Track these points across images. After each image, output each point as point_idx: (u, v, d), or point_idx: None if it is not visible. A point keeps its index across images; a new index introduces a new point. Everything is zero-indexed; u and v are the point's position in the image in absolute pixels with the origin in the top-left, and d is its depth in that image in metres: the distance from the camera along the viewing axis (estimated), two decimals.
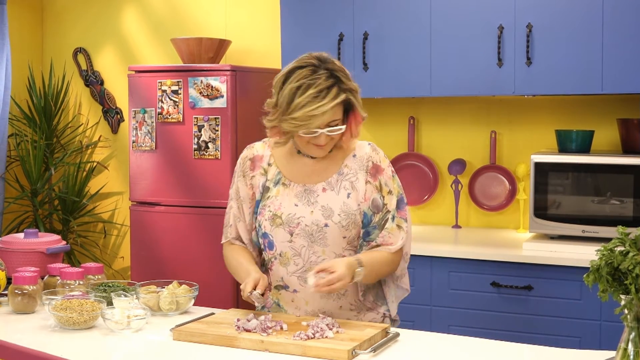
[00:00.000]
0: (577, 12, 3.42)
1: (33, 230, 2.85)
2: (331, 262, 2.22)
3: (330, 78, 2.24)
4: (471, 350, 2.12)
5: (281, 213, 2.34)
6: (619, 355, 1.67)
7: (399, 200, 2.38)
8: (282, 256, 2.35)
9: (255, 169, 2.45)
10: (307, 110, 2.20)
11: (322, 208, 2.32)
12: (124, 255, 5.00)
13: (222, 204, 4.06)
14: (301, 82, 2.23)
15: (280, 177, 2.40)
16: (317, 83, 2.22)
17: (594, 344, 3.12)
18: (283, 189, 2.37)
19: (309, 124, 2.22)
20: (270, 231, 2.36)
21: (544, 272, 3.29)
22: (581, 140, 3.54)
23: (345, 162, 2.37)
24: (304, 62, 2.28)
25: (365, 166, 2.36)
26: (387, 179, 2.37)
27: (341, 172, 2.36)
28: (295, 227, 2.32)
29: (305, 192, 2.35)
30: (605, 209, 3.39)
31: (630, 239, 1.66)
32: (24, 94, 5.07)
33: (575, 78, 3.44)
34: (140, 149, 4.22)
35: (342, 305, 2.34)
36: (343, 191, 2.33)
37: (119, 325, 2.22)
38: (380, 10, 3.78)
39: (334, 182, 2.35)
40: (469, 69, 3.64)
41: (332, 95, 2.22)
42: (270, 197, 2.38)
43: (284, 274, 2.35)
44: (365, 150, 2.39)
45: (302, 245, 2.32)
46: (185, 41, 4.22)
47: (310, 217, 2.32)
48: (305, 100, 2.21)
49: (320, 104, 2.20)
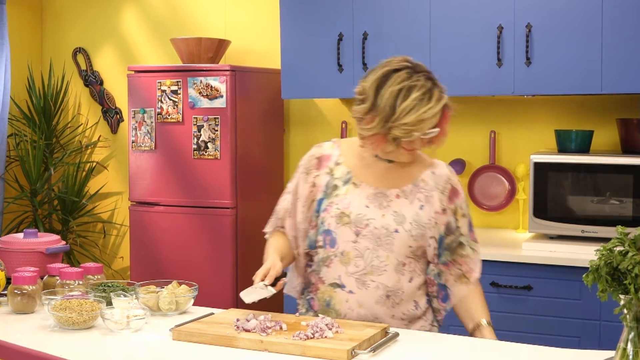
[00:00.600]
0: (577, 12, 3.42)
1: (32, 230, 2.84)
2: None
3: (428, 80, 2.22)
4: (471, 350, 2.12)
5: (350, 212, 2.31)
6: (618, 355, 1.67)
7: (469, 223, 2.41)
8: (343, 255, 2.31)
9: (321, 168, 2.41)
10: (418, 114, 2.16)
11: (394, 213, 2.29)
12: (124, 255, 5.00)
13: (222, 204, 4.08)
14: (402, 85, 2.19)
15: (351, 176, 2.36)
16: (418, 85, 2.19)
17: (593, 344, 3.12)
18: (353, 188, 2.34)
19: (420, 128, 2.19)
20: (335, 229, 2.32)
21: (543, 272, 3.29)
22: (581, 140, 3.54)
23: (422, 176, 2.35)
24: (396, 65, 2.24)
25: (443, 187, 2.35)
26: (461, 202, 2.38)
27: (417, 184, 2.34)
28: (363, 228, 2.29)
29: (377, 195, 2.32)
30: (604, 209, 3.39)
31: (629, 239, 1.66)
32: (23, 94, 5.06)
33: (574, 78, 3.44)
34: (140, 149, 4.22)
35: (394, 314, 2.31)
36: (417, 202, 2.32)
37: (118, 325, 2.22)
38: (379, 10, 3.78)
39: (409, 191, 2.33)
40: (469, 69, 3.64)
41: (437, 97, 2.20)
42: (338, 195, 2.34)
43: (342, 273, 2.31)
44: (444, 171, 2.39)
45: (366, 247, 2.29)
46: (185, 41, 4.22)
47: (380, 220, 2.29)
48: (412, 103, 2.17)
49: (429, 107, 2.18)
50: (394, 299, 2.29)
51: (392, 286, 2.28)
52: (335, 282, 2.33)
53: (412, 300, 2.33)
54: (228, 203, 4.05)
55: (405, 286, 2.30)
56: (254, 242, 4.22)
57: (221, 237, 4.06)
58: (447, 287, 2.38)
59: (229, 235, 4.05)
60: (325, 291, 2.35)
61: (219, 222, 4.07)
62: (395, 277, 2.29)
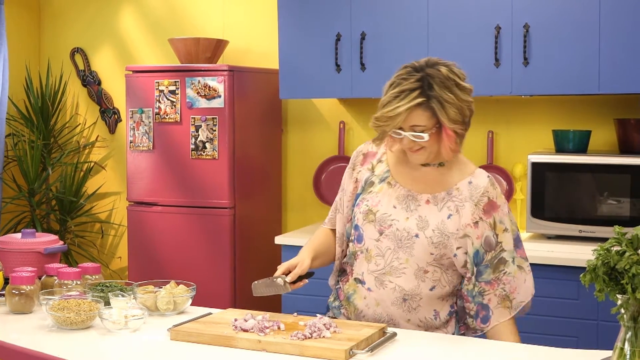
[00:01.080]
0: (574, 12, 3.42)
1: (30, 230, 2.84)
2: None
3: (419, 81, 2.17)
4: (468, 350, 2.12)
5: (376, 210, 2.30)
6: (615, 354, 1.67)
7: (516, 239, 2.29)
8: (367, 252, 2.31)
9: (365, 164, 2.41)
10: (385, 111, 2.17)
11: (418, 218, 2.26)
12: (122, 255, 5.00)
13: (220, 204, 4.08)
14: (393, 80, 2.21)
15: (388, 175, 2.35)
16: (403, 83, 2.18)
17: (590, 344, 3.13)
18: (387, 187, 2.33)
19: (384, 126, 2.18)
20: (362, 225, 2.32)
21: (540, 271, 3.29)
22: (578, 140, 3.55)
23: (458, 185, 2.28)
24: (410, 63, 2.24)
25: (478, 199, 2.26)
26: (502, 216, 2.26)
27: (450, 192, 2.28)
28: (386, 227, 2.28)
29: (407, 197, 2.30)
30: (602, 209, 3.39)
31: (626, 239, 1.66)
32: (21, 94, 5.06)
33: (572, 78, 3.44)
34: (138, 149, 4.22)
35: (410, 319, 2.29)
36: (446, 210, 2.26)
37: (116, 325, 2.22)
38: (377, 10, 3.79)
39: (440, 198, 2.28)
40: (466, 68, 3.58)
41: (411, 98, 2.15)
42: (372, 192, 2.34)
43: (364, 270, 2.31)
44: (482, 182, 2.28)
45: (387, 247, 2.28)
46: (183, 41, 4.22)
47: (404, 222, 2.27)
48: (387, 99, 2.18)
49: (396, 105, 2.15)
50: (410, 303, 2.27)
51: (410, 290, 2.26)
52: (358, 277, 2.34)
53: (432, 309, 2.30)
54: (226, 203, 4.05)
55: (424, 293, 2.26)
56: (252, 242, 4.22)
57: (219, 237, 4.06)
58: (490, 309, 2.26)
59: (227, 235, 4.05)
60: (350, 284, 2.35)
61: (217, 222, 4.07)
62: (414, 282, 2.26)
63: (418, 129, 2.19)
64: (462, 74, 2.26)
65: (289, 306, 3.74)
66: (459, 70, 2.27)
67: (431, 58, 2.26)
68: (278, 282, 2.24)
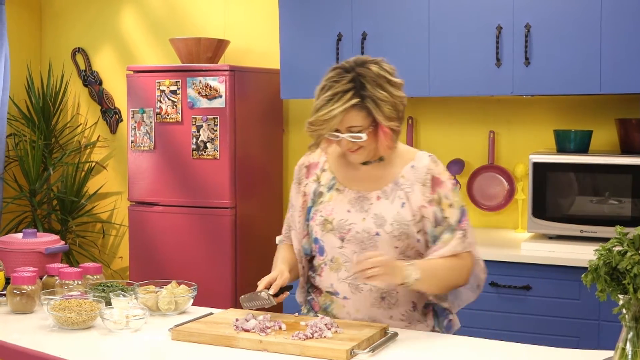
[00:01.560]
0: (576, 12, 3.42)
1: (31, 230, 2.85)
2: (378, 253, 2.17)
3: (351, 82, 2.18)
4: (469, 350, 2.12)
5: (332, 218, 2.31)
6: (617, 354, 1.67)
7: (461, 212, 2.30)
8: (333, 262, 2.31)
9: (310, 176, 2.41)
10: (320, 114, 2.17)
11: (374, 216, 2.27)
12: (123, 255, 5.00)
13: (221, 204, 4.08)
14: (324, 84, 2.22)
15: (335, 182, 2.36)
16: (335, 85, 2.18)
17: (592, 344, 3.12)
18: (337, 194, 2.33)
19: (320, 130, 2.18)
20: (321, 236, 2.32)
21: (542, 272, 3.29)
22: (580, 140, 3.54)
23: (402, 172, 2.29)
24: (340, 64, 2.25)
25: (424, 179, 2.27)
26: (447, 191, 2.28)
27: (397, 182, 2.29)
28: (346, 233, 2.29)
29: (358, 199, 2.30)
30: (603, 209, 3.39)
31: (628, 239, 1.66)
32: (22, 94, 5.06)
33: (573, 78, 3.44)
34: (139, 149, 4.22)
35: (392, 315, 2.29)
36: (397, 200, 2.27)
37: (117, 325, 2.22)
38: (378, 10, 3.78)
39: (389, 191, 2.29)
40: (468, 69, 3.64)
41: (345, 100, 2.16)
42: (322, 202, 2.35)
43: (334, 281, 2.31)
44: (424, 162, 2.30)
45: (352, 251, 2.28)
46: (184, 41, 4.22)
47: (361, 224, 2.27)
48: (321, 103, 2.18)
49: (330, 108, 2.16)
50: (389, 300, 2.28)
51: (386, 287, 2.26)
52: (329, 290, 2.34)
53: (410, 302, 2.31)
54: (227, 203, 4.05)
55: (399, 287, 2.25)
56: (253, 242, 4.22)
57: (220, 237, 4.06)
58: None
59: (228, 235, 4.05)
60: (325, 297, 2.35)
61: (218, 222, 4.07)
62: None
63: (355, 130, 2.20)
64: (392, 70, 2.26)
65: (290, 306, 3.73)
66: (389, 65, 2.27)
67: (360, 57, 2.27)
68: (262, 295, 2.25)
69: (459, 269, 2.28)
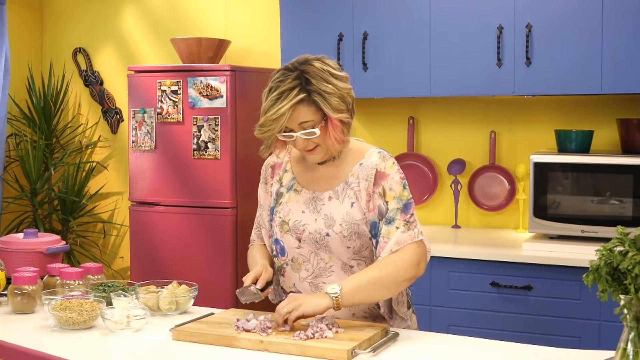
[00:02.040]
0: (577, 12, 3.42)
1: (32, 230, 2.85)
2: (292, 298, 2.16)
3: (296, 79, 2.19)
4: (470, 350, 2.12)
5: (289, 219, 2.33)
6: (618, 355, 1.67)
7: (405, 205, 2.24)
8: (293, 262, 2.33)
9: (274, 176, 2.44)
10: (268, 115, 2.18)
11: (324, 217, 2.28)
12: (124, 255, 5.00)
13: (222, 204, 4.08)
14: (270, 86, 2.23)
15: (294, 183, 2.38)
16: (280, 85, 2.19)
17: (593, 344, 3.12)
18: (294, 195, 2.35)
19: (271, 130, 2.19)
20: (281, 237, 2.35)
21: (543, 272, 3.29)
22: (581, 140, 3.54)
23: (352, 171, 2.29)
24: (283, 65, 2.27)
25: (369, 174, 2.26)
26: (392, 183, 2.25)
27: (347, 181, 2.29)
28: (301, 233, 2.30)
29: (313, 200, 2.32)
30: (604, 209, 3.39)
31: (629, 239, 1.66)
32: (23, 94, 5.07)
33: (574, 78, 3.44)
34: (140, 149, 4.22)
35: (354, 313, 2.30)
36: (347, 200, 2.28)
37: (118, 325, 2.22)
38: (379, 10, 3.78)
39: (340, 190, 2.29)
40: (469, 69, 3.64)
41: (292, 96, 2.17)
42: (282, 203, 2.37)
43: (296, 280, 2.34)
44: (372, 159, 2.28)
45: (310, 251, 2.30)
46: (185, 41, 4.22)
47: (314, 225, 2.29)
48: (269, 104, 2.20)
49: (278, 107, 2.17)
50: None
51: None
52: (292, 290, 2.35)
53: None
54: (228, 203, 4.05)
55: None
56: None
57: (221, 237, 4.06)
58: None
59: (229, 235, 4.05)
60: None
61: (219, 222, 4.07)
62: (344, 277, 2.27)
63: (307, 125, 2.20)
64: (335, 65, 2.28)
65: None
66: (332, 61, 2.29)
67: (302, 56, 2.28)
68: (252, 290, 2.26)
69: (390, 263, 2.19)
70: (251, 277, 2.29)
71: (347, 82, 2.28)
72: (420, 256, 2.23)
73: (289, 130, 2.22)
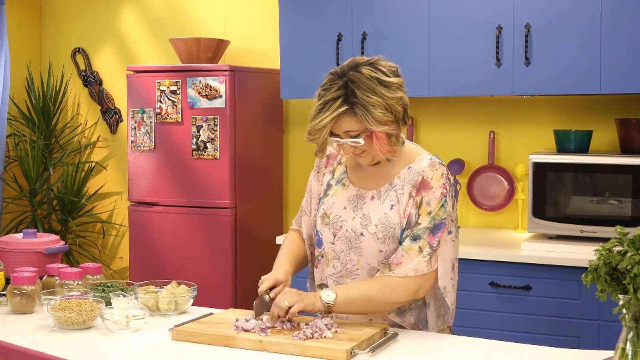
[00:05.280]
0: (576, 12, 3.42)
1: (32, 230, 2.85)
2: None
3: (341, 89, 2.15)
4: (469, 350, 2.12)
5: (330, 213, 2.32)
6: (617, 355, 1.67)
7: (437, 225, 2.18)
8: (326, 256, 2.33)
9: (328, 166, 2.42)
10: (313, 124, 2.17)
11: (362, 216, 2.26)
12: (123, 256, 5.00)
13: (221, 204, 4.08)
14: (318, 92, 2.21)
15: (344, 177, 2.36)
16: (326, 94, 2.17)
17: (592, 344, 3.13)
18: (341, 189, 2.34)
19: (316, 138, 2.17)
20: (320, 229, 2.34)
21: (542, 272, 3.29)
22: (580, 140, 3.54)
23: (399, 173, 2.26)
24: (335, 68, 2.23)
25: (415, 180, 2.21)
26: (431, 198, 2.19)
27: (392, 183, 2.26)
28: (338, 229, 2.29)
29: (357, 197, 2.30)
30: (603, 209, 3.39)
31: (628, 239, 1.66)
32: (22, 94, 5.06)
33: (573, 78, 3.44)
34: (139, 149, 4.22)
35: (372, 319, 2.28)
36: (387, 202, 2.24)
37: (117, 326, 2.22)
38: (378, 10, 3.78)
39: (384, 191, 2.26)
40: (468, 69, 3.64)
41: (334, 108, 2.14)
42: (328, 195, 2.36)
43: (326, 275, 2.33)
44: (421, 164, 2.23)
45: (341, 249, 2.29)
46: (184, 41, 4.22)
47: (351, 222, 2.27)
48: (314, 113, 2.18)
49: (321, 117, 2.14)
50: None
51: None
52: (322, 282, 2.35)
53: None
54: (227, 203, 4.05)
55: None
56: (253, 242, 4.22)
57: (220, 237, 4.06)
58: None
59: (228, 235, 4.05)
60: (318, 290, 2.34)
61: (218, 222, 4.07)
62: None
63: (352, 134, 2.17)
64: (389, 69, 2.20)
65: None
66: (387, 64, 2.22)
67: (355, 58, 2.24)
68: (265, 298, 2.22)
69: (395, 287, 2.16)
70: (268, 284, 2.24)
71: (399, 90, 2.20)
72: (421, 284, 2.19)
73: (336, 135, 2.20)
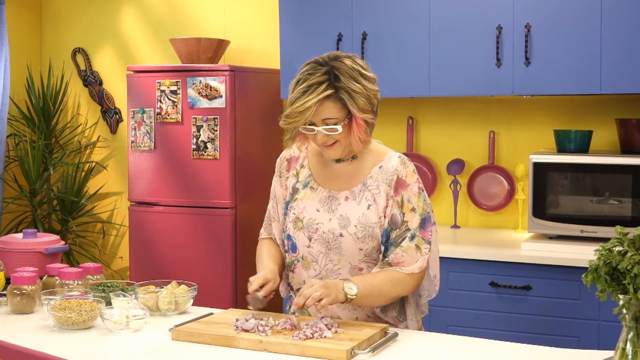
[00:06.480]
0: (576, 12, 3.42)
1: (32, 230, 2.85)
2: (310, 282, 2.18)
3: (325, 74, 2.19)
4: (470, 350, 2.12)
5: (303, 217, 2.32)
6: (617, 355, 1.67)
7: (424, 220, 2.27)
8: (303, 260, 2.33)
9: (290, 170, 2.42)
10: (295, 107, 2.17)
11: (340, 217, 2.27)
12: (123, 256, 5.00)
13: (221, 204, 4.08)
14: (299, 77, 2.22)
15: (310, 180, 2.37)
16: (309, 78, 2.18)
17: (592, 344, 3.13)
18: (310, 192, 2.34)
19: (295, 122, 2.18)
20: (293, 234, 2.34)
21: (542, 272, 3.29)
22: (580, 141, 3.54)
23: (371, 173, 2.29)
24: (313, 58, 2.26)
25: (390, 179, 2.26)
26: (411, 195, 2.26)
27: (365, 183, 2.29)
28: (313, 232, 2.30)
29: (328, 198, 2.31)
30: (603, 209, 3.39)
31: (628, 239, 1.66)
32: (22, 94, 5.07)
33: (573, 78, 3.44)
34: (139, 149, 4.22)
35: (358, 317, 2.31)
36: (364, 202, 2.27)
37: (117, 326, 2.22)
38: (379, 10, 3.78)
39: (357, 191, 2.29)
40: (468, 69, 3.64)
41: (319, 91, 2.16)
42: (297, 199, 2.36)
43: (305, 278, 2.33)
44: (392, 163, 2.29)
45: (319, 251, 2.30)
46: (184, 41, 4.22)
47: (328, 224, 2.28)
48: (295, 95, 2.19)
49: (305, 99, 2.16)
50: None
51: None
52: (300, 287, 2.35)
53: None
54: (227, 203, 4.05)
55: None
56: (253, 242, 4.20)
57: (220, 237, 4.06)
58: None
59: (228, 235, 4.05)
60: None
61: (218, 222, 4.07)
62: None
63: (330, 122, 2.20)
64: (365, 65, 2.28)
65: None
66: (362, 61, 2.29)
67: (333, 52, 2.29)
68: (257, 295, 2.24)
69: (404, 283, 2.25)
70: (258, 282, 2.26)
71: (375, 84, 2.28)
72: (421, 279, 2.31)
73: (311, 124, 2.21)
